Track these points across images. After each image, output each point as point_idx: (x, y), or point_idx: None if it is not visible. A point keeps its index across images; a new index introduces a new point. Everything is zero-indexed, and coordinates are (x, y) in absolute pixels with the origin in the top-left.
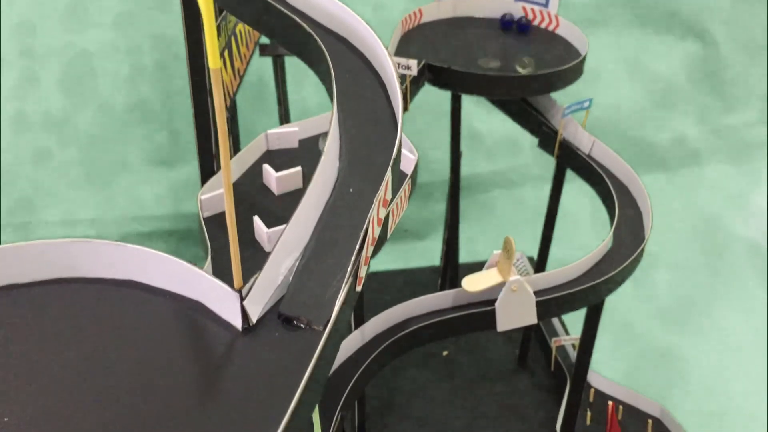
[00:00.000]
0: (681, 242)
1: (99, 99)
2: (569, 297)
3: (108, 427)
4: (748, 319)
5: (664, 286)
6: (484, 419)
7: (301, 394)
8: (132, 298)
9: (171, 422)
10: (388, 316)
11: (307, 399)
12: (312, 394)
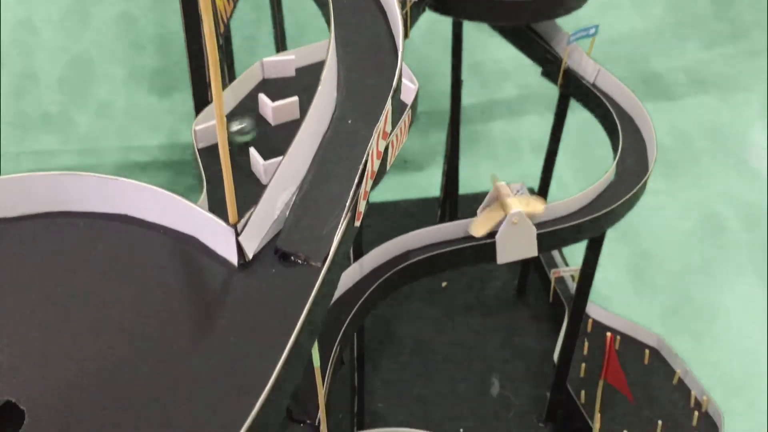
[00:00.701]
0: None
1: (92, 28)
2: (570, 229)
3: (101, 367)
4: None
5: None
6: (482, 349)
7: (299, 330)
8: (124, 233)
9: (166, 360)
10: (387, 249)
11: (305, 335)
12: (310, 331)
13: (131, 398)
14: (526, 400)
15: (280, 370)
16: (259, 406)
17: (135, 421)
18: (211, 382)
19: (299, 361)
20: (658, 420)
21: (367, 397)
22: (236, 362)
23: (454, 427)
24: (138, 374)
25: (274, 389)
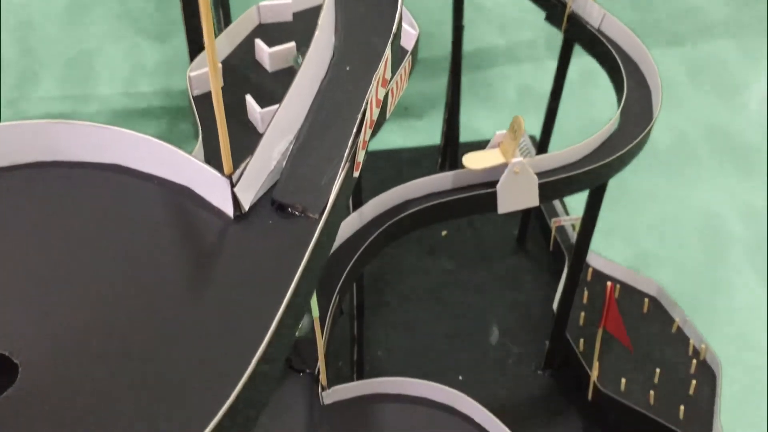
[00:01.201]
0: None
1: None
2: (573, 179)
3: (95, 319)
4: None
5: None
6: (481, 298)
7: (297, 283)
8: (117, 183)
9: (162, 313)
10: (386, 198)
11: (304, 288)
12: (308, 283)
13: (126, 350)
14: (524, 348)
15: (278, 322)
16: (258, 359)
17: (130, 373)
18: (208, 334)
19: (298, 314)
20: (656, 368)
21: (367, 346)
22: (233, 314)
23: (453, 375)
24: (133, 327)
25: (272, 342)
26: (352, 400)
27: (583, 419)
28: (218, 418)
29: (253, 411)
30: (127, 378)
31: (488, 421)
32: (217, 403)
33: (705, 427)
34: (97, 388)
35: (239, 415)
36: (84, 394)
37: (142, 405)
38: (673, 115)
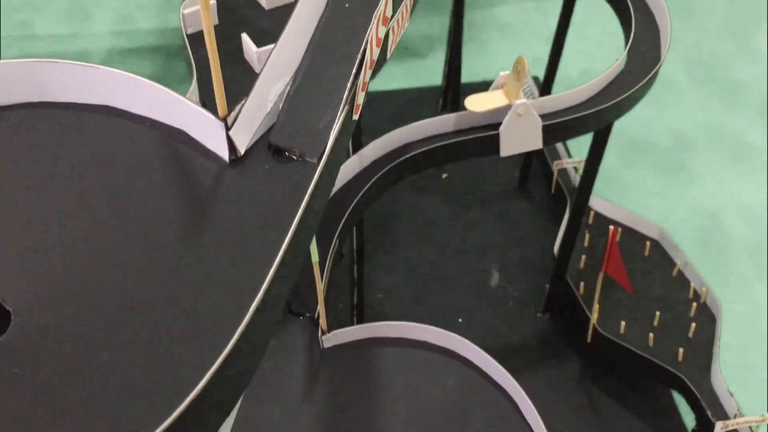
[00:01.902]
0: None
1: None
2: (577, 121)
3: (88, 265)
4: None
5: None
6: (481, 241)
7: (295, 229)
8: (109, 126)
9: (157, 259)
10: (386, 141)
11: (302, 233)
12: (307, 228)
13: (120, 297)
14: (524, 291)
15: (276, 268)
16: (256, 305)
17: (124, 321)
18: (204, 281)
19: (296, 259)
20: (656, 311)
21: (367, 289)
22: (230, 261)
23: (452, 317)
24: (128, 273)
25: (270, 289)
26: (351, 344)
27: (582, 362)
28: (217, 364)
29: (253, 357)
30: (122, 325)
31: (488, 365)
32: (215, 350)
33: (704, 369)
34: (90, 335)
35: (239, 361)
36: (77, 341)
37: (137, 352)
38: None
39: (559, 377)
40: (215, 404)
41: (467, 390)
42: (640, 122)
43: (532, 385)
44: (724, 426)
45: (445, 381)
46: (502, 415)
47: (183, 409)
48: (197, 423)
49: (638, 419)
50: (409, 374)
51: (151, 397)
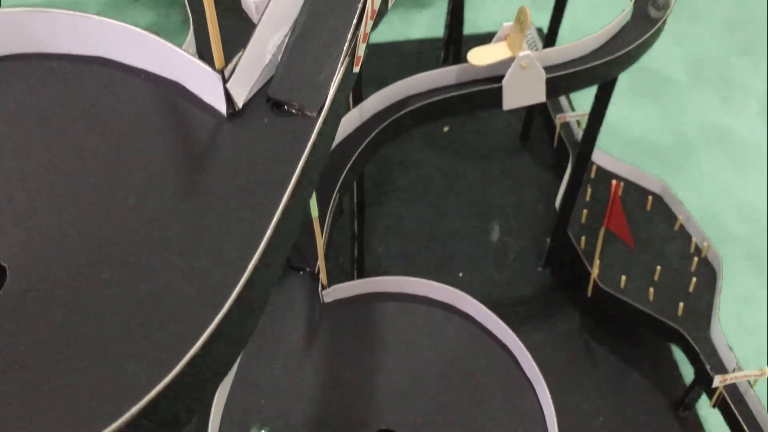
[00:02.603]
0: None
1: None
2: (582, 74)
3: (83, 222)
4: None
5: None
6: (483, 195)
7: (294, 184)
8: (103, 77)
9: (154, 216)
10: (387, 94)
11: (302, 188)
12: (307, 183)
13: (116, 253)
14: (525, 245)
15: (275, 225)
16: (255, 263)
17: (120, 277)
18: (203, 238)
19: (296, 215)
20: (657, 265)
21: (367, 243)
22: (228, 217)
23: (453, 271)
24: (123, 229)
25: (269, 246)
26: (352, 299)
27: (582, 316)
28: (217, 320)
29: (253, 312)
30: (117, 282)
31: (487, 319)
32: (215, 307)
33: (703, 323)
34: (86, 292)
35: (239, 317)
36: (73, 297)
37: (134, 309)
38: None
39: (558, 331)
40: (215, 360)
41: (467, 344)
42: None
43: (531, 339)
44: (723, 380)
45: (445, 335)
46: (501, 369)
47: (183, 366)
48: (197, 379)
49: (637, 373)
50: (409, 329)
51: (151, 354)
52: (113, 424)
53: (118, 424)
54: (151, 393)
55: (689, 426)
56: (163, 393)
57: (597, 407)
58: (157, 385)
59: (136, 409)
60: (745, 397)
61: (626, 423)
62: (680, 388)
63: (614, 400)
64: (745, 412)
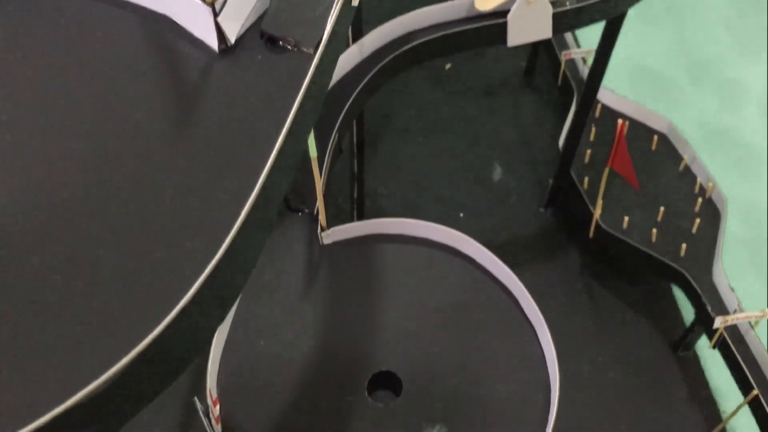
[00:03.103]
0: None
1: None
2: (590, 8)
3: (74, 165)
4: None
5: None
6: (485, 134)
7: (291, 124)
8: (87, 10)
9: (146, 160)
10: (388, 30)
11: (299, 128)
12: (304, 123)
13: (106, 198)
14: (527, 186)
15: (271, 166)
16: (252, 201)
17: (112, 219)
18: (197, 177)
19: (293, 154)
20: (661, 206)
21: (367, 184)
22: (222, 158)
23: (454, 212)
24: (113, 173)
25: (264, 187)
26: (351, 241)
27: (583, 257)
28: (214, 262)
29: (251, 254)
30: (110, 224)
31: (489, 261)
32: (211, 248)
33: (706, 264)
34: (77, 235)
35: (236, 258)
36: (60, 243)
37: (128, 252)
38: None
39: (560, 272)
40: (213, 302)
41: (468, 286)
42: None
43: (532, 280)
44: (724, 321)
45: (445, 277)
46: (502, 311)
47: (179, 309)
48: (196, 322)
49: (637, 314)
50: (409, 271)
51: (145, 300)
52: (107, 372)
53: (112, 372)
54: (146, 340)
55: (688, 366)
56: (157, 339)
57: (597, 348)
58: (152, 332)
59: (130, 357)
60: (746, 338)
61: (626, 363)
62: (680, 329)
63: (614, 341)
64: (745, 352)
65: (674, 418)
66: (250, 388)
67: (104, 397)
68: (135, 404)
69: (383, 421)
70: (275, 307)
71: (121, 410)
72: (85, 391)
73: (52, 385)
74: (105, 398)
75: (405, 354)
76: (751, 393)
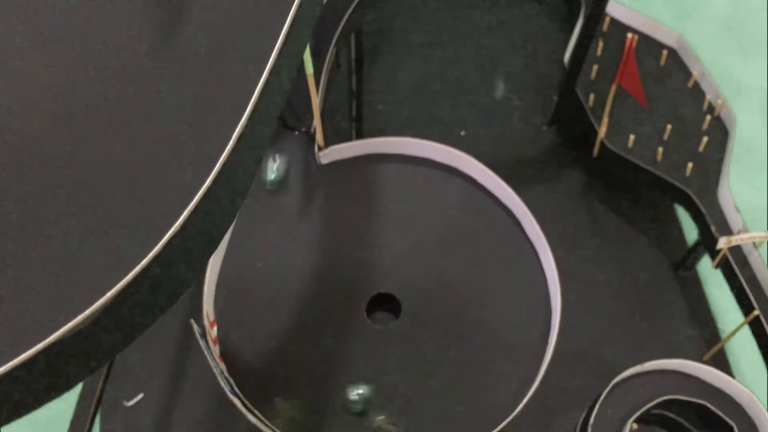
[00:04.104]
0: None
1: None
2: None
3: (56, 84)
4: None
5: None
6: (487, 48)
7: (285, 36)
8: None
9: (129, 76)
10: None
11: (293, 42)
12: (299, 36)
13: (93, 117)
14: (530, 103)
15: (266, 78)
16: (246, 119)
17: (100, 141)
18: (185, 99)
19: (289, 68)
20: (668, 124)
21: (366, 101)
22: (215, 69)
23: (455, 130)
24: (97, 90)
25: (260, 100)
26: (349, 160)
27: (587, 177)
28: (207, 183)
29: (246, 173)
30: (98, 145)
31: (491, 182)
32: (204, 167)
33: (711, 183)
34: (64, 161)
35: (231, 178)
36: (53, 165)
37: (113, 176)
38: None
39: (562, 192)
40: (208, 224)
41: (469, 207)
42: None
43: (534, 200)
44: (728, 242)
45: (446, 198)
46: (504, 233)
47: (173, 232)
48: (190, 245)
49: (640, 234)
50: (409, 191)
51: (137, 226)
52: (103, 296)
53: (108, 296)
54: (142, 262)
55: (688, 286)
56: (155, 260)
57: (597, 268)
58: (147, 254)
59: (125, 281)
60: (749, 258)
61: (626, 283)
62: (682, 250)
63: (615, 261)
64: (747, 273)
65: (673, 336)
66: (248, 310)
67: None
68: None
69: (382, 342)
70: (271, 228)
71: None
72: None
73: (84, 284)
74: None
75: (403, 276)
76: (752, 313)
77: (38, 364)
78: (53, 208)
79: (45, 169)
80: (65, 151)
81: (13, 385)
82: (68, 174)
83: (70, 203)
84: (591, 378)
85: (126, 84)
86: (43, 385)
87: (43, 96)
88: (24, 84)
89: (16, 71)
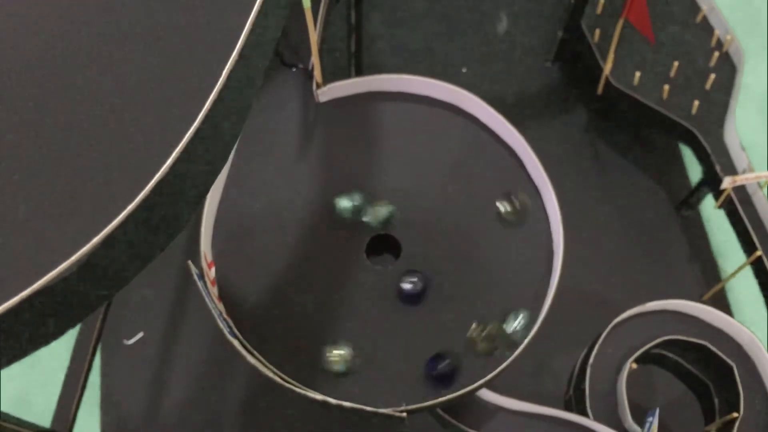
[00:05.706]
0: None
1: None
2: None
3: (44, 41)
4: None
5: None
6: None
7: None
8: None
9: (120, 14)
10: None
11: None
12: None
13: (82, 57)
14: (534, 39)
15: (258, 10)
16: (238, 51)
17: (91, 83)
18: (174, 34)
19: (282, 4)
20: (675, 61)
21: (366, 37)
22: (205, 5)
23: (456, 67)
24: (86, 25)
25: (254, 31)
26: (349, 98)
27: (590, 114)
28: (200, 117)
29: (240, 109)
30: (90, 86)
31: (494, 120)
32: (197, 101)
33: (718, 122)
34: (53, 115)
35: (225, 113)
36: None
37: (107, 113)
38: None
39: (565, 131)
40: (204, 159)
41: (470, 145)
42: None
43: (537, 138)
44: (732, 181)
45: (447, 136)
46: (506, 172)
47: (166, 169)
48: (185, 181)
49: (643, 174)
50: (409, 130)
51: (129, 165)
52: (99, 233)
53: (106, 231)
54: (139, 195)
55: (690, 226)
56: (153, 191)
57: (600, 207)
58: (143, 188)
59: (124, 214)
60: (753, 198)
61: (628, 222)
62: (686, 190)
63: (618, 200)
64: (751, 213)
65: (674, 277)
66: (246, 251)
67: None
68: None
69: (382, 283)
70: (269, 168)
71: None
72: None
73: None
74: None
75: (403, 216)
76: (755, 253)
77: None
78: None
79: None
80: (61, 87)
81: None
82: (66, 105)
83: (69, 138)
84: (592, 318)
85: (118, 17)
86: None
87: (49, 50)
88: (16, 26)
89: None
